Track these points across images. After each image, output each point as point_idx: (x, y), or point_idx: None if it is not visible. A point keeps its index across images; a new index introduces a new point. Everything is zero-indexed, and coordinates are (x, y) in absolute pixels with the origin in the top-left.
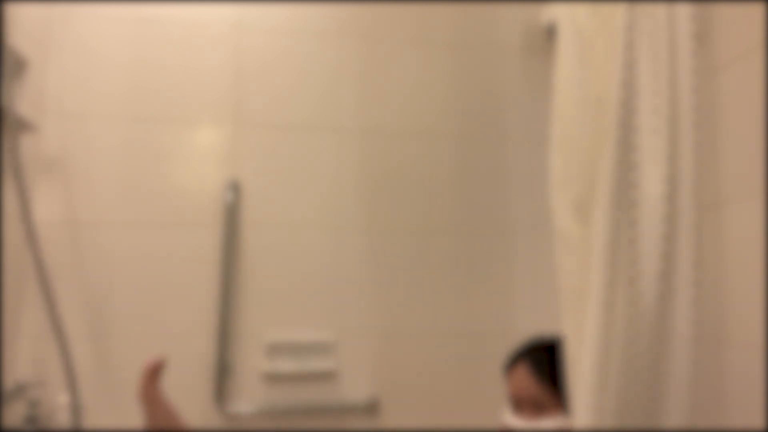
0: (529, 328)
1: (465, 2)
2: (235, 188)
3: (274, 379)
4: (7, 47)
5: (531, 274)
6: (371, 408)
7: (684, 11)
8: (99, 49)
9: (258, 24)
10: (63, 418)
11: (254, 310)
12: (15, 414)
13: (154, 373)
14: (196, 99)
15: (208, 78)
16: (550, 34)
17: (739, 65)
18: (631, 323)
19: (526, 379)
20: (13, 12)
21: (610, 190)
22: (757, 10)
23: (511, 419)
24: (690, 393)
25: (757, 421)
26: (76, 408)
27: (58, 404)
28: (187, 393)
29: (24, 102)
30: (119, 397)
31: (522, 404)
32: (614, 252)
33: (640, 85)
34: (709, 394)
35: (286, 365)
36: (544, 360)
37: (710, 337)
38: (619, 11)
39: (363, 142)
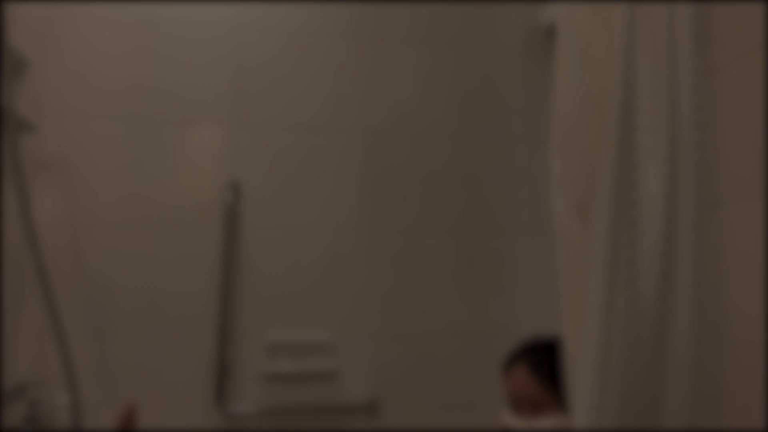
0: (528, 328)
1: (465, 2)
2: (235, 188)
3: (274, 379)
4: (7, 47)
5: (531, 274)
6: (371, 408)
7: (684, 11)
8: (99, 49)
9: (258, 24)
10: (63, 418)
11: (254, 310)
12: (15, 414)
13: (128, 422)
14: (196, 99)
15: (208, 78)
16: (550, 34)
17: (739, 65)
18: (631, 323)
19: (524, 378)
20: (13, 12)
21: (611, 189)
22: (757, 10)
23: (510, 419)
24: (690, 393)
25: (757, 421)
26: (76, 408)
27: (58, 404)
28: (187, 393)
29: (24, 102)
30: (119, 397)
31: (520, 404)
32: (614, 252)
33: (640, 85)
34: (709, 394)
35: (286, 365)
36: (542, 359)
37: (710, 336)
38: (619, 11)
39: (362, 142)
